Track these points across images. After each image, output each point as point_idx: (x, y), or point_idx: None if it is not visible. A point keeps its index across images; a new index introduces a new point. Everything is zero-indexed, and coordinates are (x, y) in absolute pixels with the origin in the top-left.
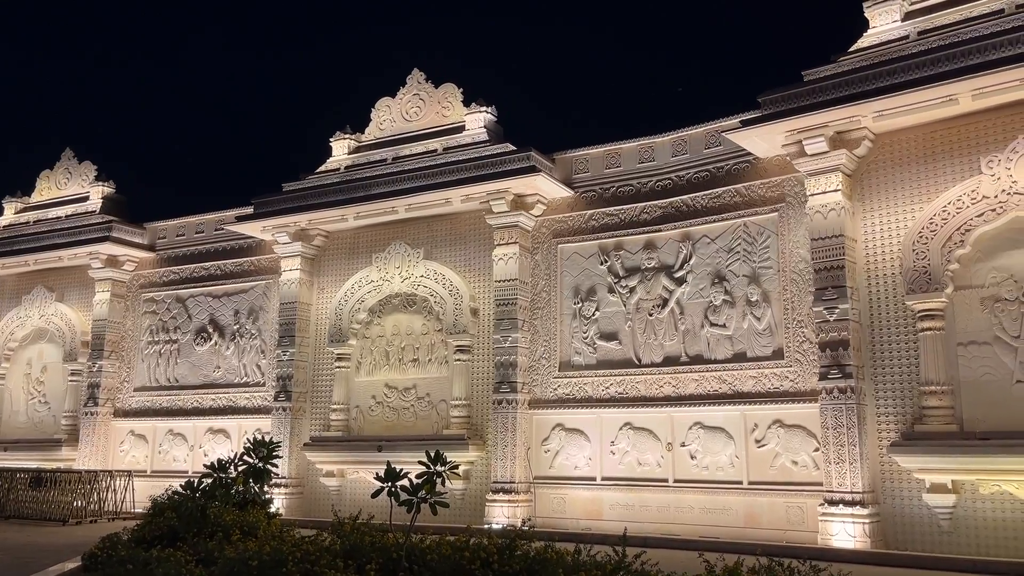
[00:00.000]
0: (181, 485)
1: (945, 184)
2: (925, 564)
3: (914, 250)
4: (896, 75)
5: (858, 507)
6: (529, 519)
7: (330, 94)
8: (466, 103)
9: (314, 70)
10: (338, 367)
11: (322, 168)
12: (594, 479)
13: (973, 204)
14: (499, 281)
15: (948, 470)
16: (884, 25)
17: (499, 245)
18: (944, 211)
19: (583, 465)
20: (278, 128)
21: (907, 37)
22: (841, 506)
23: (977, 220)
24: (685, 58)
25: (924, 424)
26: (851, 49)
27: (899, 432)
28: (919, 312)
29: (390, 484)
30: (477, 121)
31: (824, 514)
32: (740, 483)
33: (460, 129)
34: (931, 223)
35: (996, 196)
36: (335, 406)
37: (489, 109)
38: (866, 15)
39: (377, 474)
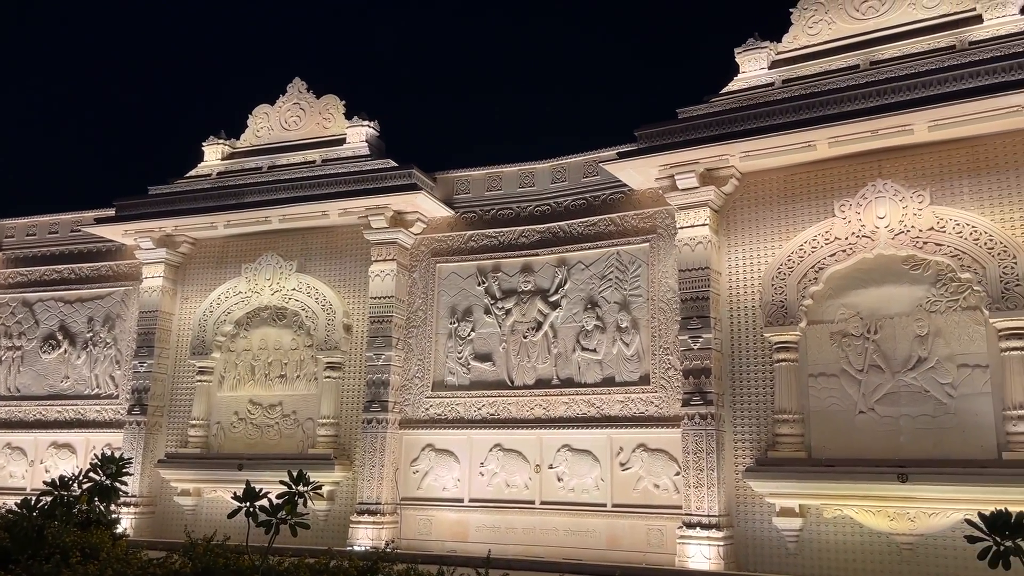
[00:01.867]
0: (16, 503)
1: (802, 224)
2: None
3: (773, 285)
4: (761, 119)
5: (714, 530)
6: (393, 541)
7: (204, 98)
8: (348, 116)
9: (189, 71)
10: (199, 381)
11: (193, 173)
12: (462, 501)
13: (826, 244)
14: (375, 298)
15: (796, 495)
16: (753, 71)
17: (376, 261)
18: (801, 250)
19: (452, 486)
20: (145, 130)
21: (773, 84)
22: (698, 529)
23: (829, 259)
24: (570, 87)
25: (776, 451)
26: (722, 91)
27: (754, 458)
28: (775, 344)
29: (248, 504)
30: (359, 135)
31: (682, 536)
32: (604, 505)
33: (341, 142)
34: (789, 260)
35: (847, 238)
36: (194, 422)
37: (372, 123)
38: (737, 60)
39: (235, 493)
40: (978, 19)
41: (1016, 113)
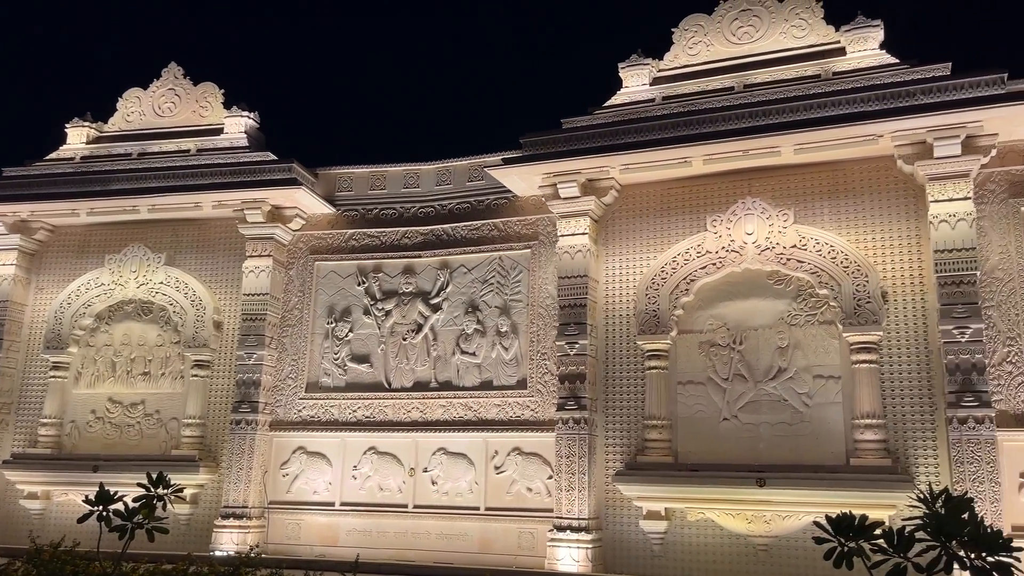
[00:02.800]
0: None
1: (677, 237)
2: None
3: (647, 295)
4: (642, 133)
5: (583, 532)
6: (258, 546)
7: (69, 80)
8: (227, 105)
9: (52, 50)
10: (53, 377)
11: (53, 156)
12: (333, 504)
13: (698, 257)
14: (248, 295)
15: (662, 498)
16: (635, 86)
17: (251, 257)
18: (674, 261)
19: (323, 490)
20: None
21: (654, 100)
22: (568, 532)
23: (700, 272)
24: (460, 92)
25: (645, 455)
26: (606, 104)
27: (624, 462)
28: (647, 351)
29: (101, 508)
30: (237, 125)
31: (552, 540)
32: (478, 509)
33: (218, 132)
34: (663, 271)
35: (717, 252)
36: (46, 420)
37: (252, 115)
38: (620, 75)
39: (87, 496)
40: (842, 51)
41: (872, 141)
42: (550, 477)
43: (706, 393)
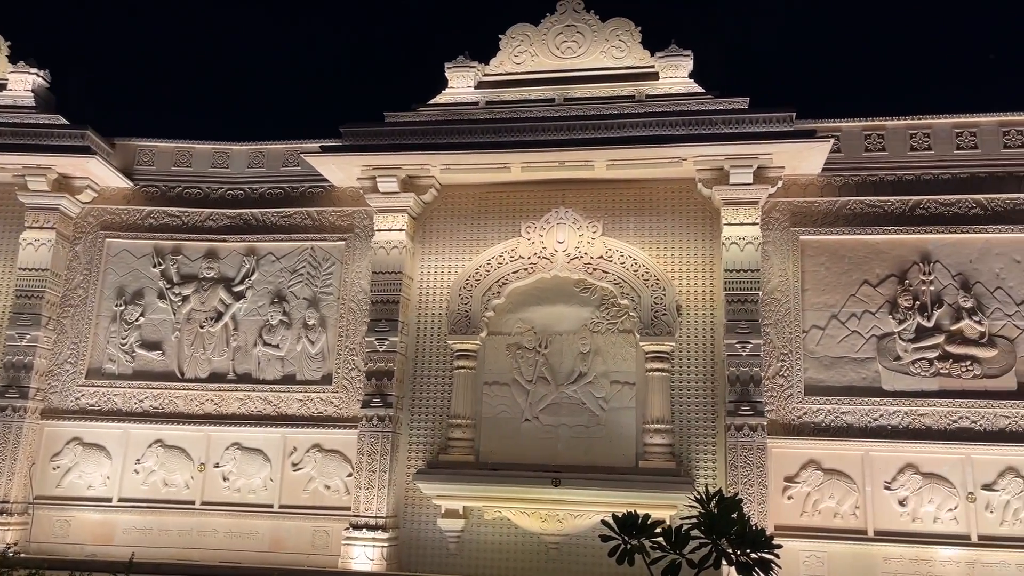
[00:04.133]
0: None
1: (492, 240)
2: None
3: (460, 295)
4: (464, 135)
5: (380, 531)
6: (17, 543)
7: None
8: (12, 60)
9: None
10: None
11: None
12: (110, 500)
13: (511, 261)
14: (24, 269)
15: (461, 497)
16: (460, 88)
17: (31, 228)
18: (488, 264)
19: (99, 485)
20: None
21: (478, 103)
22: (364, 530)
23: (512, 276)
24: (281, 75)
25: (447, 454)
26: (431, 102)
27: (427, 461)
28: (457, 351)
29: None
30: (24, 82)
31: (348, 538)
32: (271, 506)
33: (1, 88)
34: (477, 273)
35: (529, 258)
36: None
37: (41, 72)
38: (447, 75)
39: None
40: (655, 76)
41: (677, 164)
42: (350, 475)
43: (511, 394)
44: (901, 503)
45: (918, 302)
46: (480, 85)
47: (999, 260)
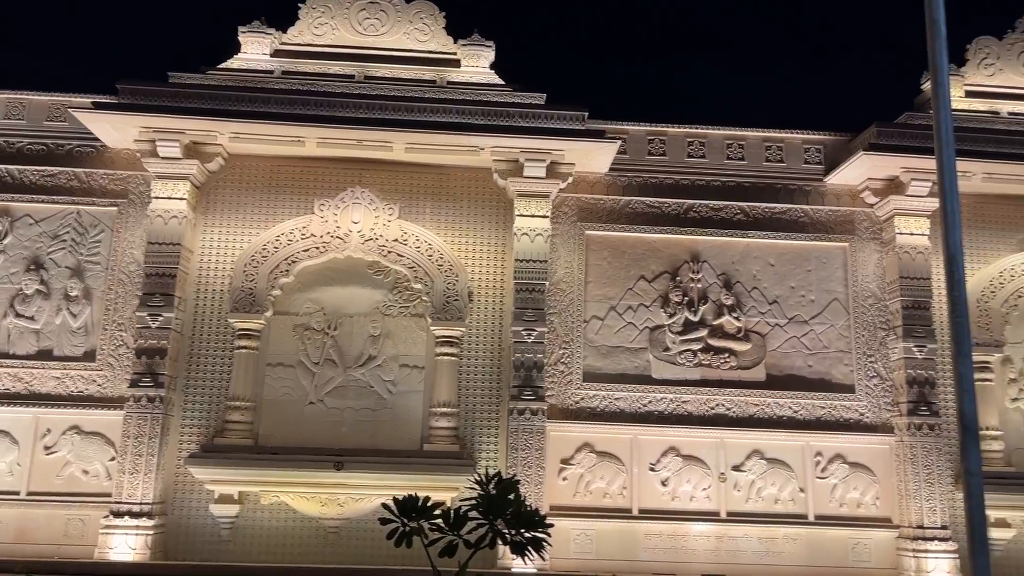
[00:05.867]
0: None
1: (283, 216)
2: (202, 572)
3: (245, 271)
4: (257, 104)
5: (144, 518)
6: None
7: None
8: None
9: None
10: None
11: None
12: None
13: (302, 239)
14: None
15: (237, 481)
16: (255, 54)
17: None
18: (278, 240)
19: None
20: None
21: (273, 72)
22: (127, 518)
23: (303, 254)
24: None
25: (224, 437)
26: (221, 66)
27: (201, 445)
28: (239, 330)
29: None
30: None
31: (107, 526)
32: (18, 494)
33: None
34: (265, 249)
35: (322, 236)
36: None
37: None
38: (240, 39)
39: None
40: (457, 63)
41: (474, 152)
42: (112, 459)
43: (295, 376)
44: (663, 483)
45: (687, 298)
46: (276, 54)
47: (756, 263)
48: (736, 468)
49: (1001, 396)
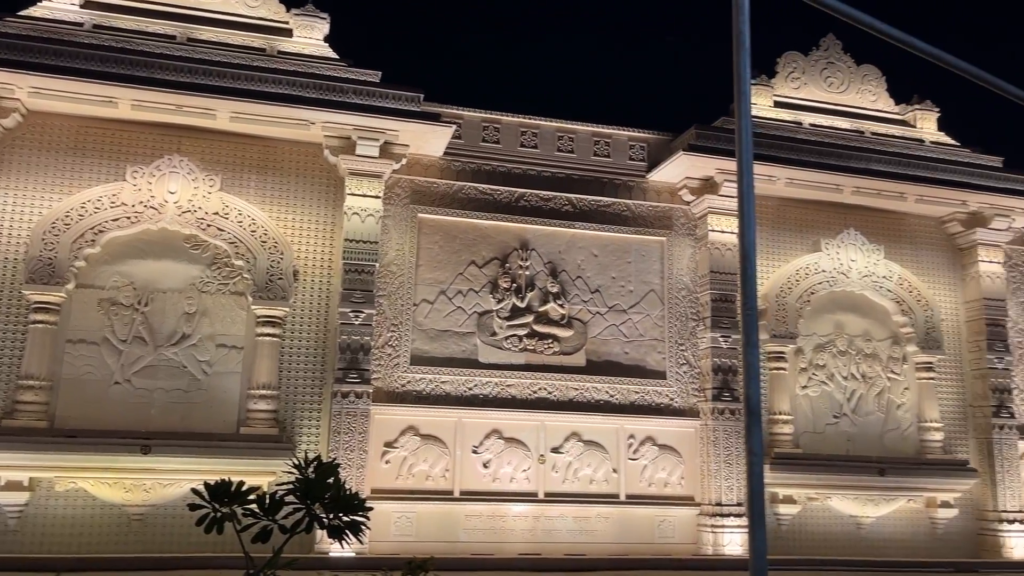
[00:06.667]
0: None
1: (90, 181)
2: None
3: (44, 240)
4: (64, 58)
5: None
6: None
7: None
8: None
9: None
10: None
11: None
12: None
13: (112, 208)
14: None
15: (27, 467)
16: (62, 3)
17: None
18: (83, 207)
19: None
20: None
21: (83, 24)
22: None
23: (112, 224)
24: None
25: (14, 419)
26: (23, 13)
27: None
28: (35, 303)
29: None
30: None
31: None
32: None
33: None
34: (68, 216)
35: (134, 206)
36: None
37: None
38: None
39: None
40: (290, 33)
41: (305, 127)
42: None
43: (99, 354)
44: (485, 465)
45: (515, 284)
46: (87, 5)
47: (581, 253)
48: (555, 450)
49: (793, 384)
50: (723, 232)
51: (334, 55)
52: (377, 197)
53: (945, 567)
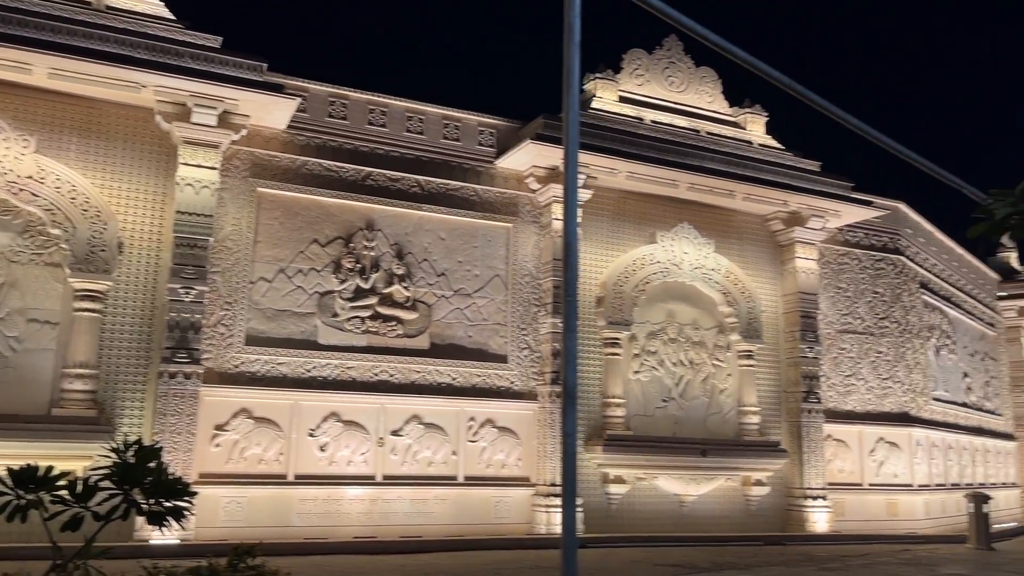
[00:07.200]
0: None
1: None
2: None
3: None
4: None
5: None
6: None
7: None
8: None
9: None
10: None
11: None
12: None
13: None
14: None
15: None
16: None
17: None
18: None
19: None
20: None
21: None
22: None
23: None
24: None
25: None
26: None
27: None
28: None
29: None
30: None
31: None
32: None
33: None
34: None
35: None
36: None
37: None
38: None
39: None
40: None
41: (135, 89)
42: None
43: None
44: (322, 448)
45: (359, 265)
46: None
47: (428, 235)
48: (395, 433)
49: (626, 369)
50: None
51: (170, 15)
52: (213, 168)
53: (756, 541)
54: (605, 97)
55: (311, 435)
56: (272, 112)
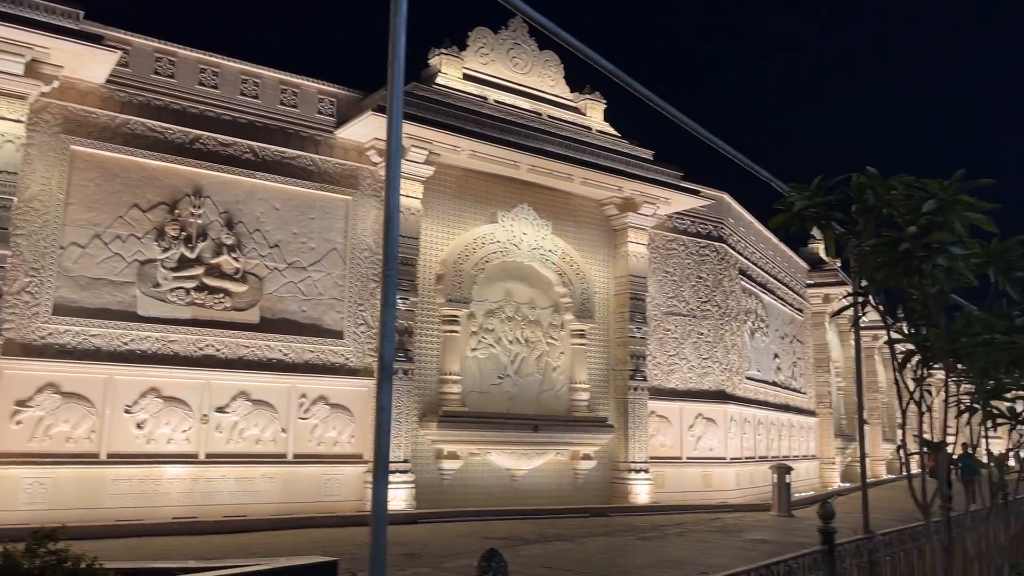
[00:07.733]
0: None
1: None
2: None
3: None
4: None
5: None
6: None
7: None
8: None
9: None
10: None
11: None
12: None
13: None
14: None
15: None
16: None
17: None
18: None
19: None
20: None
21: None
22: None
23: None
24: None
25: None
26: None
27: None
28: None
29: None
30: None
31: None
32: None
33: None
34: None
35: None
36: None
37: None
38: None
39: None
40: None
41: None
42: None
43: None
44: (139, 426)
45: (185, 233)
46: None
47: (262, 205)
48: (220, 410)
49: (464, 346)
50: (407, 196)
51: None
52: (19, 121)
53: (583, 513)
54: (450, 73)
55: (127, 412)
56: (89, 64)
